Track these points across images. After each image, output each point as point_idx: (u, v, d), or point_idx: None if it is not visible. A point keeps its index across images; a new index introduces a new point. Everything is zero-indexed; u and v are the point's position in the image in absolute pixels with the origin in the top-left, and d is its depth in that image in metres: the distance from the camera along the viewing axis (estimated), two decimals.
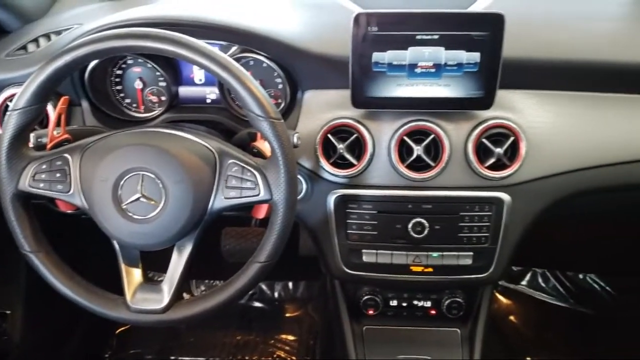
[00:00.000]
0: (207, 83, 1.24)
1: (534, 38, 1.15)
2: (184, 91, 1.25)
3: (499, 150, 1.09)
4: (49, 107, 1.12)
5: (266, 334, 2.06)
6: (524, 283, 2.21)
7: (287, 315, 2.15)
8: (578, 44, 1.14)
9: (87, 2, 1.37)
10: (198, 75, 1.24)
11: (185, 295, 1.16)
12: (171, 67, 1.22)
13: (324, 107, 1.14)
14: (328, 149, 1.12)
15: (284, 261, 0.97)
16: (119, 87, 1.23)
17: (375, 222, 1.16)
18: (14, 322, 1.65)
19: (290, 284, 2.21)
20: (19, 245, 0.93)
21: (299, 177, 1.12)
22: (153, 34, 0.85)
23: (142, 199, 0.89)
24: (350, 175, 1.12)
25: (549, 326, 2.10)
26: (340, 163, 1.12)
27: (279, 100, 1.21)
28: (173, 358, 1.98)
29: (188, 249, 0.95)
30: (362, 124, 1.11)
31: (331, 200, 1.15)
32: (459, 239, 1.15)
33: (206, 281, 2.21)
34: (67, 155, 0.92)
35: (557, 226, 1.65)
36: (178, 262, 0.96)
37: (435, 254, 1.17)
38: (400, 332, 1.36)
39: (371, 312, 1.33)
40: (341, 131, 1.12)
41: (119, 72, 1.22)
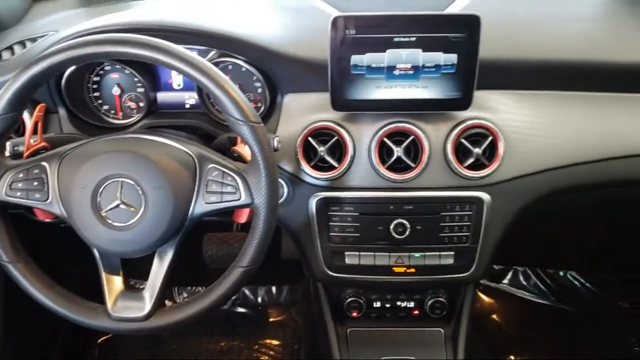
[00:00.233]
0: (186, 88, 1.23)
1: (510, 39, 1.16)
2: (162, 97, 1.24)
3: (477, 150, 1.10)
4: (26, 115, 1.11)
5: (250, 339, 2.04)
6: (506, 281, 2.23)
7: (271, 319, 2.14)
8: (553, 44, 1.16)
9: (62, 9, 1.35)
10: (176, 80, 1.23)
11: (167, 302, 1.15)
12: (149, 73, 1.21)
13: (303, 110, 1.15)
14: (309, 152, 1.12)
15: (266, 265, 0.96)
16: (96, 94, 1.22)
17: (357, 224, 1.16)
18: None
19: (274, 288, 2.20)
20: None
21: (280, 181, 1.12)
22: (131, 40, 0.85)
23: (122, 206, 0.88)
24: (332, 177, 1.12)
25: (531, 324, 2.11)
26: (321, 166, 1.13)
27: (259, 104, 1.21)
28: None
29: (169, 255, 0.94)
30: (342, 126, 1.11)
31: (313, 203, 1.15)
32: (440, 239, 1.16)
33: (188, 287, 2.19)
34: (44, 164, 0.91)
35: (536, 224, 1.67)
36: (159, 269, 0.95)
37: (417, 254, 1.17)
38: (384, 333, 1.36)
39: (355, 314, 1.34)
40: (321, 134, 1.12)
41: (96, 78, 1.21)
